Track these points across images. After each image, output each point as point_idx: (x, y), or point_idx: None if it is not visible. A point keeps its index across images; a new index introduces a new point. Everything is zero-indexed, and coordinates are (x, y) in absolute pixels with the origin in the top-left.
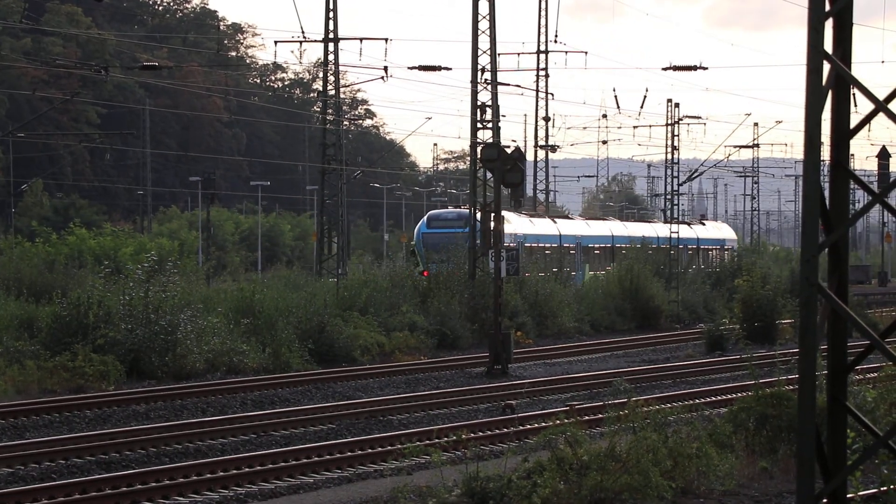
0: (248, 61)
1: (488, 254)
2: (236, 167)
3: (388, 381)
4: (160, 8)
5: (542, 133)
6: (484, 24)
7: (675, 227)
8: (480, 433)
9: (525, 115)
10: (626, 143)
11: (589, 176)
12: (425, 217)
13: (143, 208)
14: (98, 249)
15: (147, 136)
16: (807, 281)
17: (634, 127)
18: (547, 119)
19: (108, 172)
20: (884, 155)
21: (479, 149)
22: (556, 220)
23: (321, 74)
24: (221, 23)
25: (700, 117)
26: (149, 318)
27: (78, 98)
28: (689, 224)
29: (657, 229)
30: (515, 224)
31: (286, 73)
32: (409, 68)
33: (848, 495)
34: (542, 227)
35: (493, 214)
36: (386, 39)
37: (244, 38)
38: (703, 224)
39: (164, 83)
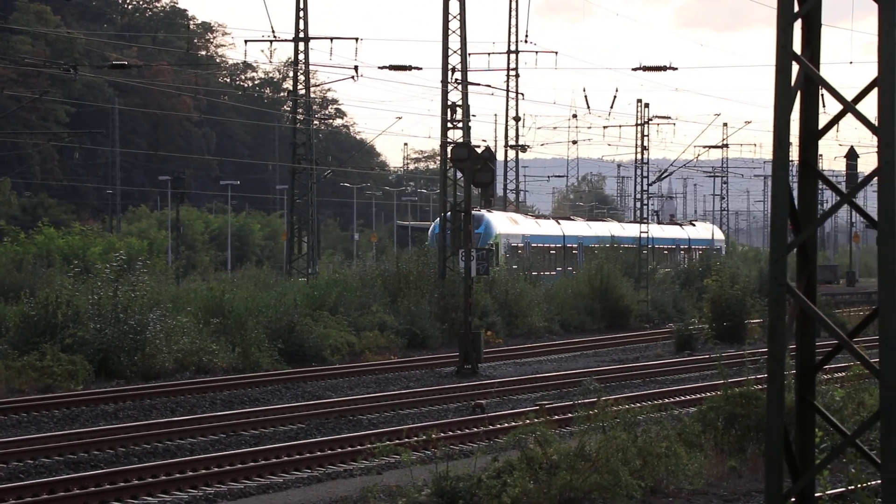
0: (217, 60)
1: (458, 253)
2: (206, 166)
3: (357, 381)
4: (129, 7)
5: (512, 133)
6: (454, 24)
7: (644, 226)
8: (450, 433)
9: (495, 114)
10: (596, 143)
11: (559, 176)
12: (438, 218)
13: (112, 207)
14: (67, 249)
15: (116, 135)
16: (776, 281)
17: (604, 127)
18: (517, 119)
19: (76, 171)
20: (852, 155)
21: (449, 148)
22: (559, 221)
23: (291, 74)
24: (191, 22)
25: (670, 117)
26: (118, 318)
27: (47, 97)
28: (680, 225)
29: (652, 230)
30: (523, 225)
31: (256, 72)
32: (379, 68)
33: (816, 494)
34: (547, 227)
35: (463, 214)
36: (356, 39)
37: (214, 38)
38: (694, 225)
39: (133, 82)
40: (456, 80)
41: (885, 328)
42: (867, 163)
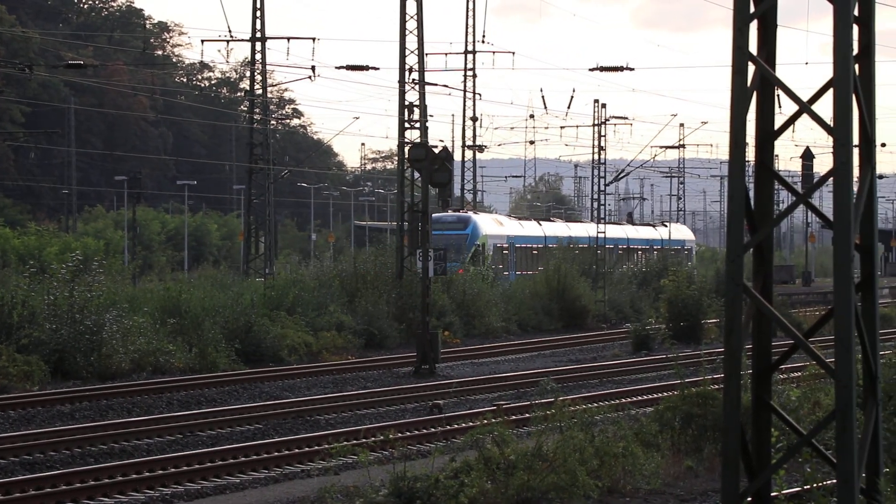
0: (174, 60)
1: (416, 253)
2: (162, 166)
3: (315, 381)
4: (85, 6)
5: (469, 133)
6: (412, 24)
7: (602, 227)
8: (408, 433)
9: (453, 115)
10: (554, 144)
11: (516, 176)
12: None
13: (69, 207)
14: (22, 249)
15: (72, 134)
16: (732, 280)
17: (561, 127)
18: (474, 119)
19: (32, 171)
20: (808, 156)
21: (406, 148)
22: (541, 222)
23: (248, 73)
24: (147, 21)
25: (626, 118)
26: (74, 318)
27: (2, 96)
28: (654, 226)
29: (628, 231)
30: (507, 227)
31: (213, 72)
32: (336, 68)
33: (772, 493)
34: (530, 229)
35: (420, 214)
36: (313, 39)
37: (170, 37)
38: (666, 226)
39: (89, 82)
40: (413, 80)
41: (840, 328)
42: (823, 163)
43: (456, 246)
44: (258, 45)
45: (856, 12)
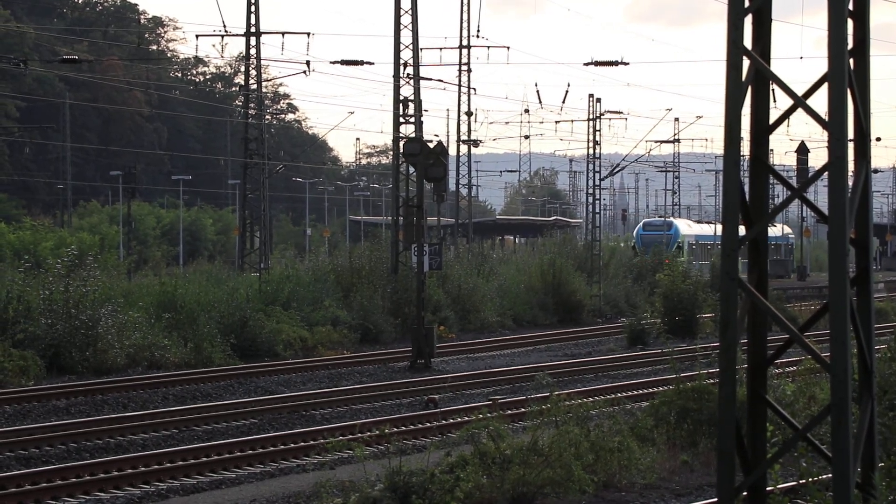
0: (168, 55)
1: (411, 248)
2: (157, 161)
3: (310, 376)
4: (80, 1)
5: (464, 128)
6: (406, 19)
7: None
8: (403, 427)
9: (447, 109)
10: (549, 138)
11: (511, 171)
12: (641, 223)
13: (64, 202)
14: (17, 244)
15: (67, 129)
16: (727, 275)
17: (556, 122)
18: (469, 114)
19: (27, 166)
20: (802, 150)
21: (401, 143)
22: (710, 223)
23: (243, 68)
24: (142, 16)
25: (621, 112)
26: (69, 313)
27: None
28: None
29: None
30: (693, 228)
31: (208, 67)
32: (331, 63)
33: (767, 488)
34: (706, 229)
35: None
36: (308, 34)
37: (165, 32)
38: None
39: (84, 77)
40: (408, 74)
41: (835, 323)
42: (818, 157)
43: (664, 243)
44: (253, 40)
45: (850, 7)
